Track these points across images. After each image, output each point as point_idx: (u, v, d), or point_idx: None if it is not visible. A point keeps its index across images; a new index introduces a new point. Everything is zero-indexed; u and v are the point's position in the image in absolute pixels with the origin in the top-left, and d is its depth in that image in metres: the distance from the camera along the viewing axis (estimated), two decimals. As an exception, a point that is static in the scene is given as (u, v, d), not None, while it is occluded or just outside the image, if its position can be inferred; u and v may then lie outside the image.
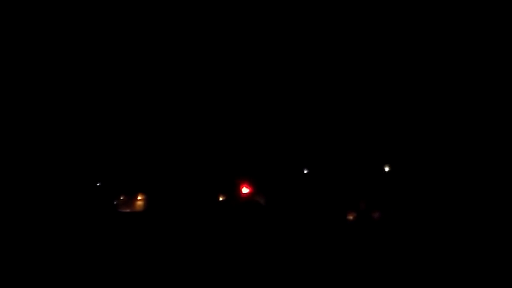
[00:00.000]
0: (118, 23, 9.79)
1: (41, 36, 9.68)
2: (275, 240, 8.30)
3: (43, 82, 9.93)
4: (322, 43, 10.02)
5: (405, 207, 9.17)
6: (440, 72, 9.78)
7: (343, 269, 7.42)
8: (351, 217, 9.24)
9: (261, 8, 9.80)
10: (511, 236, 7.71)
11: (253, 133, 10.12)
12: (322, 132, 10.07)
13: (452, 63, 9.70)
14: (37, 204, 9.28)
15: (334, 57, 9.98)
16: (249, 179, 9.72)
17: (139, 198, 10.13)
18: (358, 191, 9.64)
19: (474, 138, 9.47)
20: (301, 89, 10.10)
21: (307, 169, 10.08)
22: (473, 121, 9.56)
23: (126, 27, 9.86)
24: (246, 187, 9.66)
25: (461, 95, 9.66)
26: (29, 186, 9.51)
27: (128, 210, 9.99)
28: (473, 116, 9.58)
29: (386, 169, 9.89)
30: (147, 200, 10.08)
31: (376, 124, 10.00)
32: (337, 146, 10.05)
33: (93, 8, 9.69)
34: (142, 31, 9.94)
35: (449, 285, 6.82)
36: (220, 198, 9.83)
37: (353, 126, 10.06)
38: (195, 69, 10.16)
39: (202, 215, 9.28)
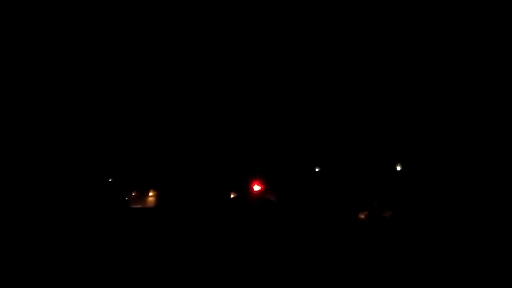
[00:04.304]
0: (118, 23, 9.82)
1: (42, 36, 9.72)
2: (286, 237, 8.32)
3: (59, 78, 10.00)
4: (334, 41, 10.00)
5: (417, 207, 9.15)
6: (452, 71, 9.74)
7: (354, 267, 7.42)
8: (362, 216, 9.23)
9: (261, 8, 9.81)
10: None
11: (266, 131, 10.11)
12: (334, 130, 10.04)
13: (461, 63, 9.67)
14: (49, 200, 9.34)
15: (348, 55, 9.96)
16: (261, 177, 9.73)
17: (150, 194, 10.17)
18: (370, 190, 9.61)
19: (486, 137, 9.42)
20: (315, 88, 10.08)
21: (319, 167, 10.05)
22: (486, 120, 9.51)
23: (128, 27, 9.89)
24: (258, 185, 9.68)
25: (472, 93, 9.62)
26: (42, 183, 9.58)
27: (139, 206, 10.03)
28: (485, 114, 9.53)
29: (398, 168, 9.85)
30: (158, 196, 10.11)
31: (389, 123, 9.96)
32: (349, 145, 10.02)
33: (93, 8, 9.72)
34: (153, 31, 9.98)
35: (459, 285, 6.82)
36: (232, 196, 9.84)
37: (365, 125, 10.03)
38: (209, 66, 10.18)
39: (213, 212, 9.31)
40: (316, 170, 10.02)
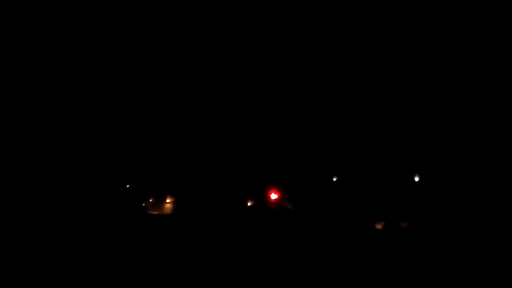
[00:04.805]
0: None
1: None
2: (303, 246, 8.34)
3: (77, 83, 10.11)
4: (351, 57, 10.02)
5: (434, 218, 9.11)
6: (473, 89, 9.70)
7: (370, 277, 7.42)
8: (379, 226, 9.22)
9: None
10: None
11: (284, 139, 10.13)
12: (352, 140, 10.03)
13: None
14: (67, 205, 9.43)
15: (365, 67, 9.97)
16: (278, 185, 9.75)
17: (168, 200, 10.22)
18: (387, 200, 9.59)
19: (507, 150, 9.36)
20: (332, 98, 10.08)
21: (336, 176, 10.05)
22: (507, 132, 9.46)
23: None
24: (275, 193, 9.69)
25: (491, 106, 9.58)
26: (58, 187, 9.67)
27: (156, 213, 10.08)
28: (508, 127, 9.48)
29: (416, 179, 9.81)
30: (175, 203, 10.16)
31: (407, 134, 9.94)
32: (366, 155, 10.00)
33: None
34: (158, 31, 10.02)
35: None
36: (249, 204, 9.86)
37: (384, 135, 10.01)
38: (226, 75, 10.23)
39: (230, 220, 9.34)
40: (334, 179, 10.01)
